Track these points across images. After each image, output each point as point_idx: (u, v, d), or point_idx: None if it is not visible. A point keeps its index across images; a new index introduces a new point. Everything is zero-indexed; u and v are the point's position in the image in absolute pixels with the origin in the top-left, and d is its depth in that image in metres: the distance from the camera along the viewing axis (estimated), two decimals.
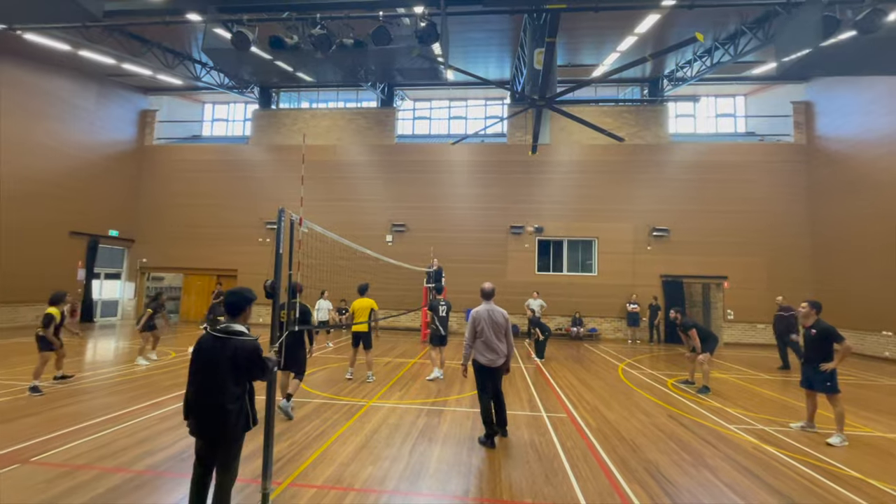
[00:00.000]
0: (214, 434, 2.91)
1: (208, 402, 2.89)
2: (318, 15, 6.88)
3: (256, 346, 3.01)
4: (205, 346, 2.94)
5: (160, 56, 14.79)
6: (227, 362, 2.88)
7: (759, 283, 15.84)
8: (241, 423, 2.95)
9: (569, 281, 16.66)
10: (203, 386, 2.90)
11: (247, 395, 3.01)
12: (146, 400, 6.48)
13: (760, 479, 4.40)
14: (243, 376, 2.96)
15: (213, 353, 2.91)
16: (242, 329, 3.02)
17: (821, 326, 5.72)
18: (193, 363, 2.96)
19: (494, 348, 5.15)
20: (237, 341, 2.93)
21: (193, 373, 2.95)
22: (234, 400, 2.90)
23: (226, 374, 2.88)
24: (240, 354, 2.91)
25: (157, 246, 18.26)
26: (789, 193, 16.12)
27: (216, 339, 2.94)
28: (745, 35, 12.78)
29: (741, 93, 18.20)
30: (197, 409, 2.91)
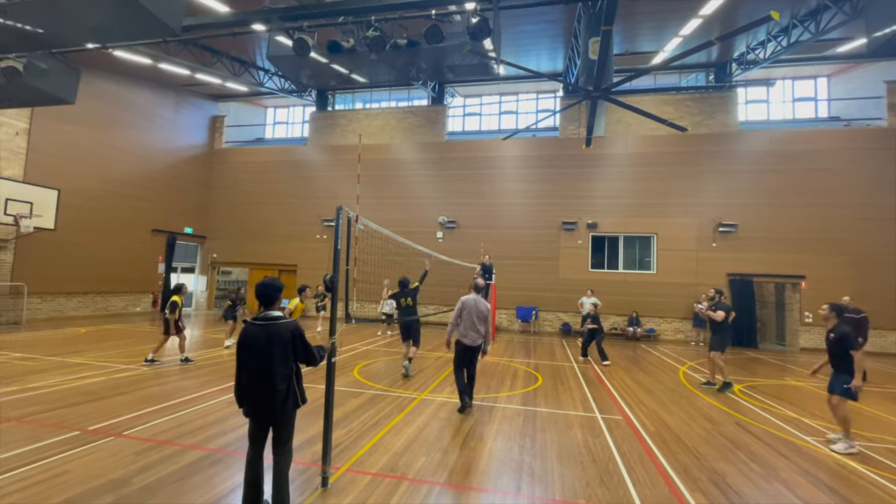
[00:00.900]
0: (269, 413, 3.15)
1: (260, 384, 3.13)
2: (373, 17, 7.07)
3: (297, 326, 3.27)
4: (250, 335, 3.18)
5: (228, 65, 15.88)
6: (273, 345, 3.13)
7: (843, 283, 14.33)
8: (291, 401, 3.20)
9: (625, 279, 16.00)
10: (254, 370, 3.14)
11: (294, 376, 3.24)
12: (218, 384, 7.02)
13: (844, 497, 4.02)
14: (290, 355, 3.20)
15: (260, 339, 3.15)
16: (280, 314, 3.27)
17: (839, 331, 5.43)
18: (241, 352, 3.21)
19: (476, 330, 6.09)
20: (278, 325, 3.19)
21: (243, 361, 3.20)
22: (283, 380, 3.15)
23: (273, 356, 3.12)
24: (283, 334, 3.16)
25: (225, 242, 19.67)
26: (879, 184, 14.44)
27: (259, 327, 3.19)
28: (829, 10, 11.59)
29: (823, 73, 16.51)
30: (251, 392, 3.16)
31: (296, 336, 3.23)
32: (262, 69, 17.20)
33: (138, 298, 17.30)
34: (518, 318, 16.48)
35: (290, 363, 3.22)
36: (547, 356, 11.27)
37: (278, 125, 21.86)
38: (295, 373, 3.27)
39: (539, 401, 6.91)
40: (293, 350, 3.22)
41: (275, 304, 3.33)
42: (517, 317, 16.50)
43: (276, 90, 18.12)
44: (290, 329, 3.22)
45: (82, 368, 7.76)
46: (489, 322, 6.22)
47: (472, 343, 6.10)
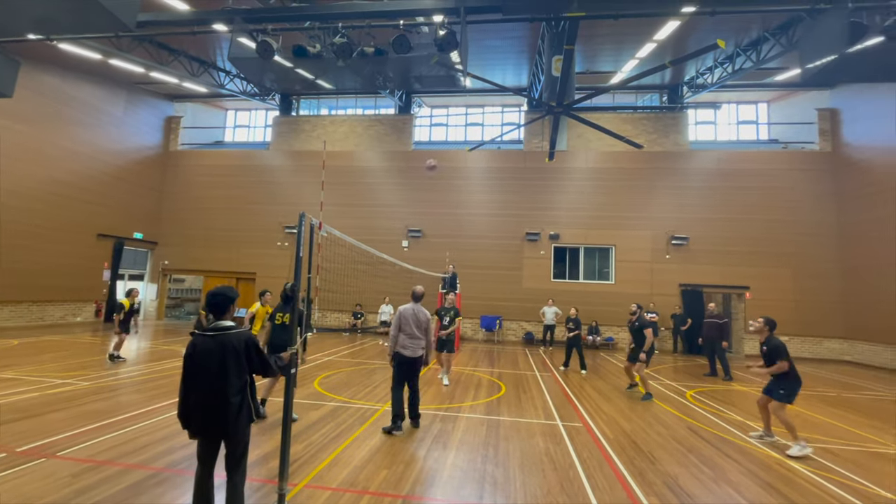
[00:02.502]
0: (221, 428, 2.97)
1: (211, 399, 2.95)
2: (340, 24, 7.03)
3: (251, 336, 3.13)
4: (200, 347, 3.01)
5: (186, 64, 15.28)
6: (225, 357, 2.96)
7: (784, 294, 15.42)
8: (245, 415, 3.04)
9: (585, 289, 16.49)
10: (204, 385, 2.96)
11: (248, 388, 3.08)
12: (167, 399, 6.63)
13: (785, 495, 4.27)
14: (243, 367, 3.04)
15: (211, 351, 2.98)
16: (232, 323, 3.12)
17: (771, 343, 5.74)
18: (189, 366, 3.01)
19: (415, 340, 5.76)
20: (231, 334, 3.03)
21: (191, 375, 3.00)
22: (235, 393, 2.98)
23: (225, 368, 2.96)
24: (236, 345, 3.01)
25: (179, 248, 18.74)
26: (815, 202, 15.71)
27: (209, 338, 3.02)
28: (768, 41, 12.58)
29: (763, 99, 17.86)
30: (200, 410, 2.96)
31: (249, 346, 3.08)
32: (223, 70, 16.68)
33: (79, 308, 16.14)
34: (482, 328, 16.59)
35: (243, 375, 3.06)
36: (510, 365, 11.38)
37: (239, 128, 21.20)
38: (249, 385, 3.11)
39: (502, 410, 6.95)
40: (247, 361, 3.07)
41: (226, 313, 3.17)
42: (481, 326, 16.61)
43: (238, 93, 17.60)
44: (244, 339, 3.07)
45: (13, 384, 7.12)
46: (430, 331, 5.96)
47: (412, 354, 5.74)
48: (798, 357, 15.02)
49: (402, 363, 5.75)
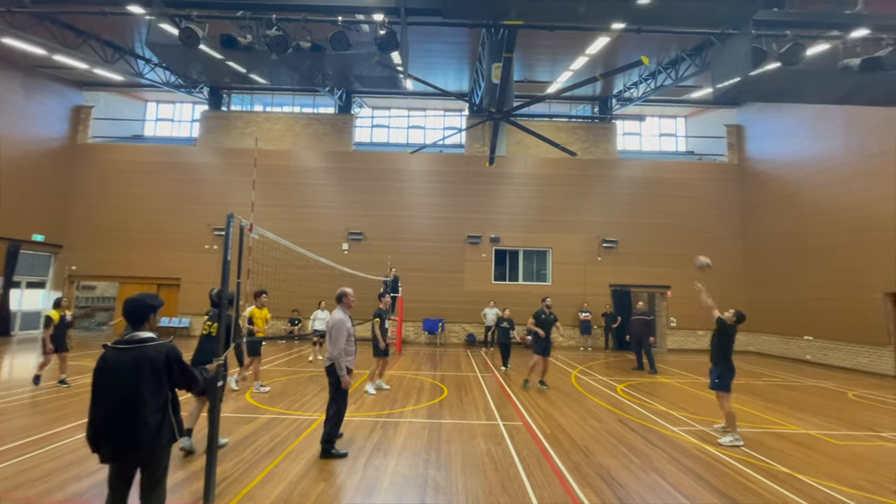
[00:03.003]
0: (135, 454, 2.65)
1: (124, 419, 2.62)
2: (275, 16, 6.70)
3: (172, 348, 2.83)
4: (110, 362, 2.69)
5: (98, 49, 13.81)
6: (140, 372, 2.66)
7: None
8: (166, 435, 2.72)
9: (524, 290, 17.00)
10: (115, 404, 2.64)
11: (170, 406, 2.78)
12: (72, 420, 5.90)
13: (703, 478, 4.62)
14: (164, 382, 2.75)
15: (123, 366, 2.67)
16: (151, 335, 2.82)
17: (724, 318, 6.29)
18: (98, 382, 2.68)
19: (353, 352, 5.14)
20: (150, 347, 2.73)
21: (99, 393, 2.67)
22: (154, 412, 2.67)
23: (140, 385, 2.65)
24: (156, 359, 2.71)
25: (89, 252, 16.84)
26: (723, 209, 17.39)
27: (122, 352, 2.71)
28: (685, 61, 13.75)
29: (681, 114, 19.50)
30: (111, 431, 2.63)
31: (171, 359, 2.77)
32: (142, 58, 15.27)
33: None
34: (425, 331, 16.55)
35: (164, 391, 2.75)
36: (453, 367, 11.44)
37: (161, 122, 19.53)
38: (171, 401, 2.80)
39: (444, 413, 6.94)
40: (168, 376, 2.77)
41: (144, 323, 2.85)
42: (424, 329, 16.56)
43: (160, 83, 16.19)
44: (164, 352, 2.76)
45: None
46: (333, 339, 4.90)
47: (325, 364, 5.04)
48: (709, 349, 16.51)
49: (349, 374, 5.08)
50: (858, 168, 12.84)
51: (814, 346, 13.97)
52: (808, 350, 14.12)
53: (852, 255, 12.77)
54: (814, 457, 5.37)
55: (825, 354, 13.59)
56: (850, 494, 4.34)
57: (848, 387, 10.15)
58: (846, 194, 13.12)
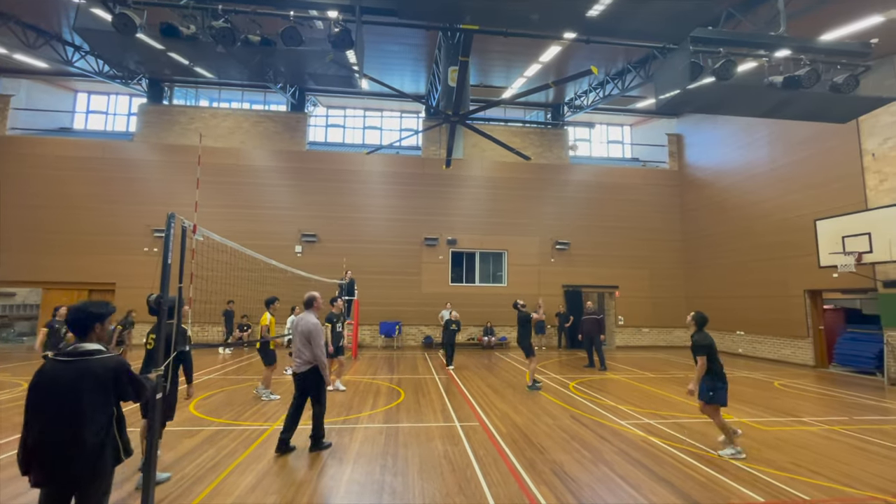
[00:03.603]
0: (73, 477, 2.40)
1: (61, 438, 2.39)
2: (221, 7, 6.38)
3: (121, 361, 2.62)
4: (49, 375, 2.45)
5: (18, 32, 12.59)
6: (86, 387, 2.44)
7: (643, 291, 17.82)
8: (109, 456, 2.49)
9: (481, 292, 17.21)
10: (53, 421, 2.40)
11: (114, 423, 2.56)
12: None
13: (650, 469, 4.86)
14: (110, 399, 2.53)
15: (63, 381, 2.43)
16: (97, 347, 2.59)
17: (694, 338, 5.61)
18: (34, 398, 2.44)
19: (299, 355, 5.28)
20: (94, 361, 2.51)
21: (34, 409, 2.43)
22: (97, 431, 2.45)
23: (84, 401, 2.42)
24: (101, 373, 2.49)
25: (6, 255, 15.24)
26: (666, 213, 18.48)
27: (63, 364, 2.48)
28: (631, 73, 14.49)
29: (627, 123, 20.53)
30: (46, 451, 2.38)
31: (120, 373, 2.54)
32: (71, 44, 14.06)
33: None
34: (381, 334, 16.34)
35: (108, 408, 2.51)
36: (410, 370, 11.36)
37: (94, 114, 18.08)
38: (116, 419, 2.56)
39: (401, 416, 6.87)
40: (115, 390, 2.53)
41: (90, 334, 2.60)
42: (380, 332, 16.35)
43: (91, 73, 14.97)
44: (112, 366, 2.53)
45: None
46: (315, 342, 5.15)
47: (296, 369, 5.26)
48: (655, 345, 17.50)
49: (294, 376, 5.42)
50: (778, 175, 14.07)
51: (745, 339, 15.12)
52: (740, 344, 15.27)
53: (775, 255, 13.95)
54: (746, 443, 5.78)
55: (754, 347, 14.75)
56: (774, 475, 4.72)
57: (774, 377, 11.05)
58: (769, 200, 14.34)
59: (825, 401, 8.54)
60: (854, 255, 10.57)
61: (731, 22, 10.17)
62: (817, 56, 8.05)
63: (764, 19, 9.60)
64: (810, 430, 6.48)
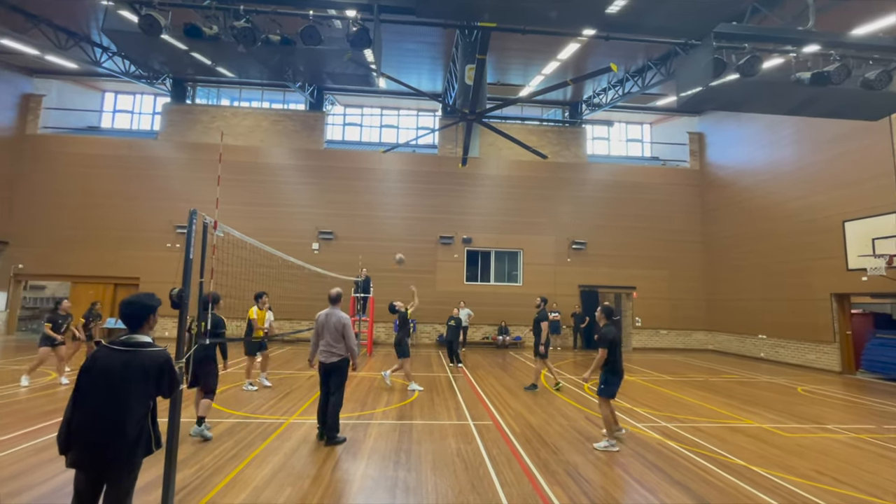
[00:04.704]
0: (109, 462, 2.49)
1: (104, 425, 2.47)
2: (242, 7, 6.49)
3: (169, 357, 2.71)
4: (102, 363, 2.53)
5: (50, 34, 13.03)
6: (134, 378, 2.53)
7: (662, 293, 17.51)
8: (143, 448, 2.58)
9: (496, 291, 17.15)
10: (99, 407, 2.49)
11: (150, 415, 2.64)
12: (14, 430, 5.53)
13: (665, 472, 4.78)
14: (151, 392, 2.63)
15: (114, 369, 2.52)
16: (148, 339, 2.69)
17: (600, 331, 5.87)
18: (84, 383, 2.52)
19: (329, 348, 5.58)
20: (144, 353, 2.60)
21: (84, 394, 2.51)
22: (137, 421, 2.54)
23: (131, 391, 2.52)
24: (148, 367, 2.58)
25: (38, 250, 15.85)
26: (686, 213, 18.11)
27: (116, 354, 2.57)
28: (651, 70, 14.23)
29: (647, 121, 20.17)
30: (87, 436, 2.46)
31: (165, 370, 2.64)
32: (99, 45, 14.50)
33: None
34: (396, 332, 16.40)
35: (148, 400, 2.60)
36: (424, 368, 11.41)
37: (120, 114, 18.61)
38: (152, 411, 2.65)
39: (415, 413, 6.91)
40: (157, 385, 2.62)
41: (143, 326, 2.69)
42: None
43: (118, 73, 15.41)
44: (160, 361, 2.61)
45: None
46: (349, 336, 5.57)
47: (325, 360, 5.55)
48: (673, 348, 17.18)
49: (321, 367, 5.65)
50: (804, 175, 13.64)
51: (767, 344, 14.73)
52: (762, 348, 14.87)
53: (800, 258, 13.54)
54: (766, 449, 5.65)
55: (777, 352, 14.35)
56: (796, 482, 4.59)
57: (798, 382, 10.75)
58: (795, 200, 13.91)
59: (851, 408, 8.27)
60: (885, 258, 10.20)
61: (757, 17, 9.90)
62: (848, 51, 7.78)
63: (791, 14, 9.32)
64: (835, 438, 6.28)
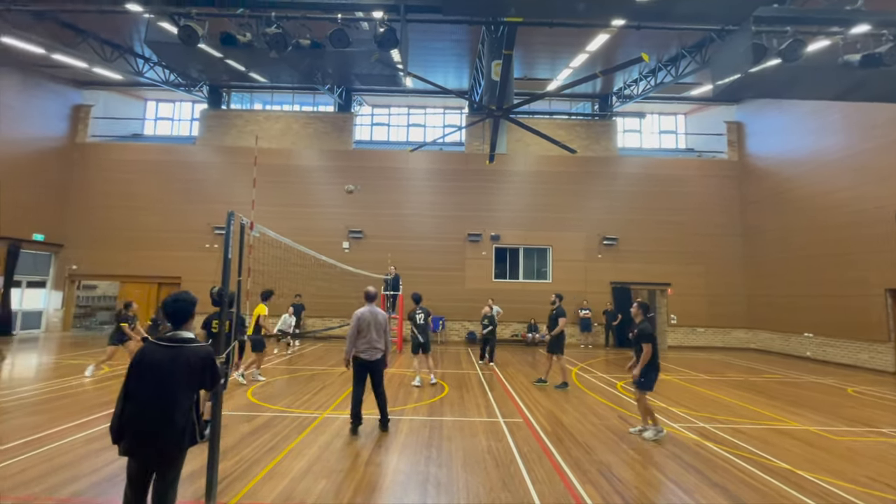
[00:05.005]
0: (160, 451, 2.68)
1: (154, 416, 2.66)
2: (274, 14, 6.68)
3: (210, 351, 2.88)
4: (150, 357, 2.72)
5: (97, 48, 13.79)
6: (179, 372, 2.71)
7: (698, 289, 16.89)
8: (188, 437, 2.77)
9: (524, 288, 17.00)
10: (149, 399, 2.67)
11: (194, 407, 2.82)
12: (71, 420, 5.92)
13: (703, 474, 4.64)
14: (195, 385, 2.80)
15: (161, 364, 2.70)
16: (192, 335, 2.86)
17: (639, 327, 5.91)
18: (134, 376, 2.71)
19: (375, 345, 5.75)
20: (189, 349, 2.77)
21: (134, 387, 2.70)
22: (183, 412, 2.72)
23: (177, 385, 2.70)
24: (195, 362, 2.75)
25: (89, 251, 16.86)
26: (724, 206, 17.38)
27: (163, 349, 2.74)
28: (685, 58, 13.71)
29: (681, 111, 19.47)
30: (139, 425, 2.66)
31: (207, 364, 2.81)
32: (141, 56, 15.25)
33: None
34: None
35: (192, 393, 2.79)
36: (453, 365, 11.46)
37: (161, 121, 19.52)
38: (195, 403, 2.84)
39: (445, 410, 6.96)
40: (200, 378, 2.79)
41: (188, 322, 2.88)
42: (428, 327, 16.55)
43: (159, 82, 16.17)
44: (202, 356, 2.79)
45: None
46: (388, 333, 5.90)
47: (371, 358, 5.73)
48: (711, 346, 16.57)
49: (361, 367, 5.75)
50: (854, 163, 12.84)
51: (814, 342, 13.99)
52: (809, 347, 14.13)
53: (851, 251, 12.77)
54: (813, 452, 5.39)
55: (825, 351, 13.61)
56: (847, 489, 4.36)
57: (848, 383, 10.17)
58: (843, 190, 13.12)
59: None
60: None
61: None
62: None
63: None
64: (889, 442, 5.92)
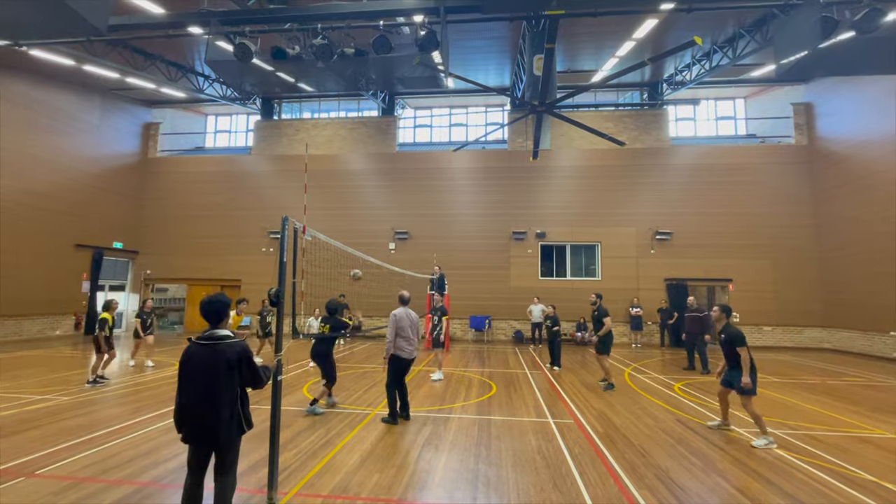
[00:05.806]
0: (209, 440, 2.96)
1: (201, 409, 2.93)
2: (320, 25, 6.96)
3: (244, 347, 3.11)
4: (193, 356, 3.00)
5: (163, 69, 14.99)
6: (217, 367, 2.95)
7: (764, 285, 15.74)
8: (235, 427, 3.01)
9: (572, 286, 16.59)
10: (196, 394, 2.95)
11: (239, 400, 3.06)
12: (150, 411, 6.47)
13: (772, 482, 4.33)
14: (235, 378, 3.02)
15: (202, 361, 2.97)
16: (228, 333, 3.11)
17: (728, 331, 5.81)
18: (183, 373, 3.01)
19: (410, 344, 6.09)
20: (224, 345, 3.02)
21: (184, 383, 3.00)
22: (227, 405, 2.96)
23: (217, 379, 2.95)
24: (230, 355, 2.99)
25: (160, 257, 18.36)
26: (793, 195, 16.07)
27: (203, 347, 3.01)
28: (744, 38, 12.82)
29: (740, 95, 18.21)
30: (191, 418, 2.95)
31: (242, 359, 3.05)
32: (202, 75, 16.40)
33: (58, 321, 15.69)
34: (471, 328, 16.58)
35: (235, 386, 3.03)
36: (501, 364, 11.39)
37: (220, 134, 20.88)
38: (240, 396, 3.08)
39: (493, 409, 6.94)
40: (238, 373, 3.03)
41: (223, 321, 3.15)
42: (470, 326, 16.60)
43: (217, 97, 17.32)
44: (237, 350, 3.03)
45: None
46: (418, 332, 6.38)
47: (409, 356, 6.12)
48: (779, 346, 15.39)
49: (403, 363, 6.07)
50: None
51: None
52: (895, 348, 12.79)
53: None
54: None
55: None
56: None
57: None
58: None
59: None
60: None
61: None
62: None
63: None
64: None
